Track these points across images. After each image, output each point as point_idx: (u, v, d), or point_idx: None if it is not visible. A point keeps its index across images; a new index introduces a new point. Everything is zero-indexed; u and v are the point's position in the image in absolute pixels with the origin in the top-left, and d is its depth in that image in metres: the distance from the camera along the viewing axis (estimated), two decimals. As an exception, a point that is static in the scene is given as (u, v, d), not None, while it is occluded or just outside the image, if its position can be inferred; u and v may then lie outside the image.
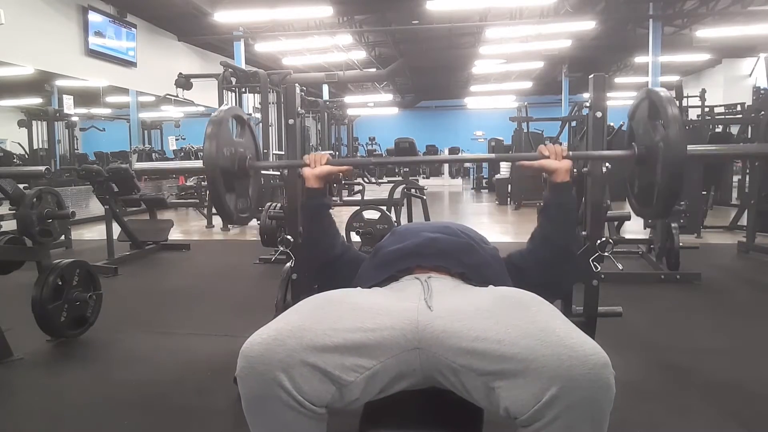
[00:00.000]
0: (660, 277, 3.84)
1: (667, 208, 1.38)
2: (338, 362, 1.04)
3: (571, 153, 1.50)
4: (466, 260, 1.40)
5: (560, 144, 1.61)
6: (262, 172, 5.69)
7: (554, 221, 1.49)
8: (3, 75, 8.69)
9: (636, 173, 1.56)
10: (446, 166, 15.63)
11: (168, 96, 8.31)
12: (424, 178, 15.23)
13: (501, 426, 1.19)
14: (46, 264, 2.63)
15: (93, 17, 8.17)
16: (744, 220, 5.22)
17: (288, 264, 1.83)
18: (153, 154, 13.35)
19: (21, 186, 3.10)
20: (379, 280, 1.38)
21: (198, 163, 1.53)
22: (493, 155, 1.61)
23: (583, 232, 1.71)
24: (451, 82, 18.10)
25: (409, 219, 5.00)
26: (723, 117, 8.17)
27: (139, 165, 1.86)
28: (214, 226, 6.75)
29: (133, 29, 9.18)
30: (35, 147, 11.07)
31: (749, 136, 6.54)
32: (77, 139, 12.84)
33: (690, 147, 1.31)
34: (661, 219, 1.21)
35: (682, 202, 3.69)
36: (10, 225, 3.26)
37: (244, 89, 6.93)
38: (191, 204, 7.49)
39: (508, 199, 9.27)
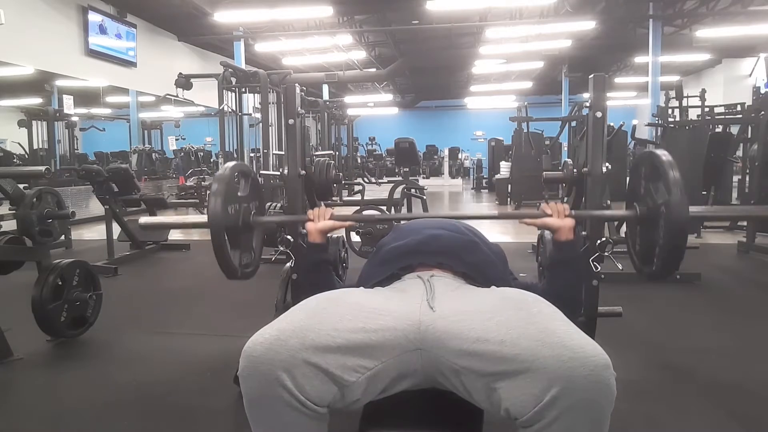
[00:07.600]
0: (660, 277, 3.83)
1: (669, 268, 1.39)
2: (340, 362, 1.04)
3: (573, 212, 1.49)
4: (469, 258, 1.40)
5: (563, 203, 1.58)
6: (262, 171, 5.72)
7: (561, 279, 1.47)
8: (3, 75, 8.69)
9: (637, 232, 1.57)
10: (446, 166, 15.65)
11: (168, 96, 8.29)
12: (424, 178, 15.24)
13: (501, 426, 1.19)
14: (46, 264, 2.62)
15: (93, 17, 8.17)
16: (744, 220, 5.21)
17: (288, 264, 1.83)
18: (153, 154, 13.36)
19: (21, 186, 3.10)
20: (380, 278, 1.38)
21: (203, 218, 1.52)
22: (495, 212, 1.65)
23: (583, 232, 1.71)
24: (451, 82, 18.09)
25: (409, 219, 4.99)
26: (723, 117, 8.16)
27: (144, 220, 1.85)
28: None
29: (133, 29, 9.18)
30: (35, 147, 11.08)
31: (749, 136, 6.54)
32: (77, 139, 12.86)
33: (692, 209, 1.33)
34: (662, 279, 1.23)
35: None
36: (10, 225, 3.25)
37: (244, 89, 6.90)
38: (191, 204, 7.48)
39: (508, 199, 9.27)
